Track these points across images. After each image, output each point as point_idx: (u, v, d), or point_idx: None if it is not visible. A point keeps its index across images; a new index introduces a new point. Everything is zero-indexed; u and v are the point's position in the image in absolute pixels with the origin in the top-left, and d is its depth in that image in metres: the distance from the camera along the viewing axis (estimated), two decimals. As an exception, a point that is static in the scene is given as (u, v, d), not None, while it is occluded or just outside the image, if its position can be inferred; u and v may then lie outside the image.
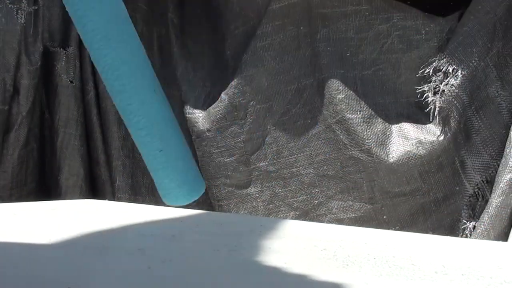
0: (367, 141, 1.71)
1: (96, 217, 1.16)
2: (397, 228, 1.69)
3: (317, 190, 1.80)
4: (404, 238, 1.05)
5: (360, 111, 1.73)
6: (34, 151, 1.88)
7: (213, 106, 1.91)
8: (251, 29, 1.90)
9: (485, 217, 1.47)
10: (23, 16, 1.70)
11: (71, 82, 1.84)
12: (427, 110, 1.64)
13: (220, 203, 1.91)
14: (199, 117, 1.93)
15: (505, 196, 1.44)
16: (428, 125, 1.66)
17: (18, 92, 1.79)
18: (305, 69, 1.83)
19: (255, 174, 1.87)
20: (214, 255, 0.81)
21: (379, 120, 1.72)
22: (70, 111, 1.86)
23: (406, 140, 1.67)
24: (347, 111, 1.74)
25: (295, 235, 1.01)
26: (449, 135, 1.60)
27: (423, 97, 1.66)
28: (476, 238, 1.47)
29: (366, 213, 1.73)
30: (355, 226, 1.67)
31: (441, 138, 1.62)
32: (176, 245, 0.88)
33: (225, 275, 0.72)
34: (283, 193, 1.84)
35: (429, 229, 1.66)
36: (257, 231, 1.02)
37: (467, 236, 1.57)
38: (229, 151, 1.88)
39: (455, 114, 1.58)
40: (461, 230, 1.60)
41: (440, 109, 1.60)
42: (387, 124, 1.72)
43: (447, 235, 1.57)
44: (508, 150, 1.49)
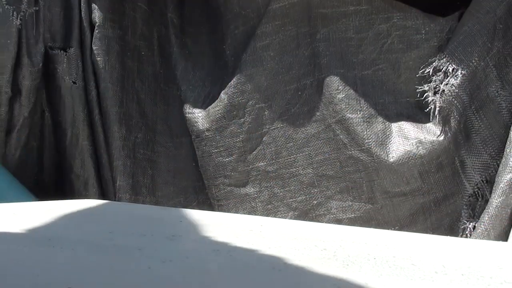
0: (367, 141, 1.70)
1: (96, 217, 1.16)
2: (397, 228, 1.69)
3: (316, 190, 1.80)
4: (404, 238, 1.05)
5: (360, 110, 1.73)
6: (34, 150, 1.88)
7: (212, 105, 1.91)
8: (251, 29, 1.90)
9: (485, 217, 1.47)
10: (18, 18, 1.69)
11: (74, 83, 1.84)
12: (427, 110, 1.64)
13: (219, 202, 1.91)
14: (198, 117, 1.93)
15: (505, 196, 1.44)
16: (428, 125, 1.66)
17: (20, 93, 1.79)
18: (305, 69, 1.83)
19: (253, 174, 1.87)
20: (214, 255, 0.81)
21: (379, 119, 1.72)
22: (75, 111, 1.86)
23: (406, 140, 1.67)
24: (347, 111, 1.74)
25: (294, 235, 1.01)
26: (449, 135, 1.60)
27: (423, 97, 1.66)
28: (476, 238, 1.47)
29: (365, 213, 1.73)
30: (355, 226, 1.67)
31: (441, 138, 1.62)
32: (176, 245, 0.88)
33: (225, 275, 0.72)
34: (282, 193, 1.84)
35: (429, 229, 1.66)
36: (257, 231, 1.02)
37: (467, 236, 1.57)
38: (228, 150, 1.88)
39: (455, 114, 1.58)
40: (461, 230, 1.60)
41: (440, 109, 1.60)
42: (387, 123, 1.71)
43: (447, 235, 1.57)
44: (508, 150, 1.49)
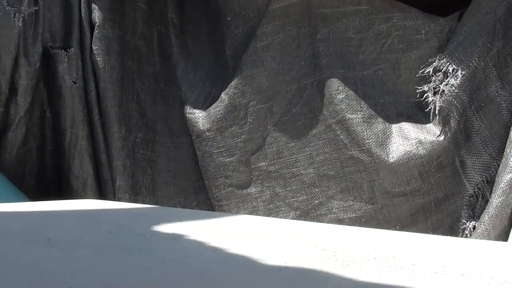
0: (367, 141, 1.70)
1: (96, 217, 1.16)
2: (397, 228, 1.69)
3: (317, 190, 1.80)
4: (404, 238, 1.05)
5: (360, 111, 1.73)
6: (33, 150, 1.88)
7: (213, 106, 1.91)
8: (251, 29, 1.90)
9: (485, 217, 1.47)
10: (20, 19, 1.69)
11: (74, 82, 1.84)
12: (427, 110, 1.64)
13: (220, 203, 1.91)
14: (199, 117, 1.93)
15: (505, 196, 1.43)
16: (428, 125, 1.66)
17: (16, 93, 1.79)
18: (305, 69, 1.83)
19: (255, 174, 1.87)
20: (214, 255, 0.81)
21: (379, 120, 1.72)
22: (75, 111, 1.86)
23: (406, 140, 1.67)
24: (347, 111, 1.74)
25: (295, 235, 1.00)
26: (449, 135, 1.60)
27: (423, 97, 1.66)
28: (476, 238, 1.47)
29: (366, 213, 1.73)
30: (355, 226, 1.67)
31: (441, 138, 1.61)
32: (176, 245, 0.88)
33: (225, 275, 0.72)
34: (283, 193, 1.84)
35: (430, 229, 1.66)
36: (257, 231, 1.02)
37: (467, 236, 1.56)
38: (229, 151, 1.88)
39: (455, 114, 1.58)
40: (461, 230, 1.60)
41: (440, 109, 1.60)
42: (387, 124, 1.71)
43: (447, 235, 1.57)
44: (508, 150, 1.48)
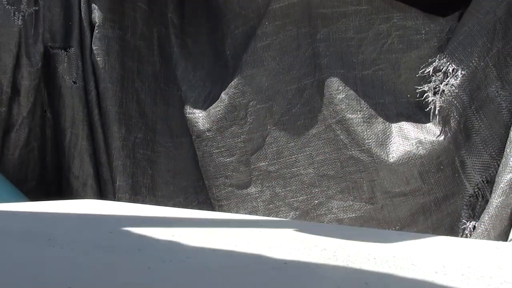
0: (367, 141, 1.70)
1: (96, 217, 1.16)
2: (397, 228, 1.69)
3: (317, 190, 1.80)
4: (404, 238, 1.05)
5: (360, 111, 1.73)
6: (35, 150, 1.88)
7: (213, 106, 1.91)
8: (251, 29, 1.90)
9: (485, 217, 1.47)
10: (20, 17, 1.69)
11: (74, 82, 1.84)
12: (427, 110, 1.64)
13: (220, 203, 1.91)
14: (199, 117, 1.93)
15: (505, 196, 1.43)
16: (428, 125, 1.66)
17: (18, 93, 1.79)
18: (305, 69, 1.83)
19: (255, 174, 1.87)
20: (214, 255, 0.81)
21: (379, 120, 1.72)
22: (75, 111, 1.86)
23: (406, 140, 1.67)
24: (347, 111, 1.74)
25: (294, 235, 1.00)
26: (449, 135, 1.60)
27: (423, 97, 1.66)
28: (476, 238, 1.47)
29: (366, 213, 1.73)
30: (355, 226, 1.67)
31: (441, 138, 1.61)
32: (176, 245, 0.88)
33: (225, 275, 0.72)
34: (283, 193, 1.84)
35: (430, 229, 1.66)
36: (257, 231, 1.03)
37: (467, 236, 1.56)
38: (229, 151, 1.88)
39: (455, 114, 1.58)
40: (461, 230, 1.60)
41: (440, 109, 1.60)
42: (387, 124, 1.71)
43: (447, 235, 1.57)
44: (508, 150, 1.48)
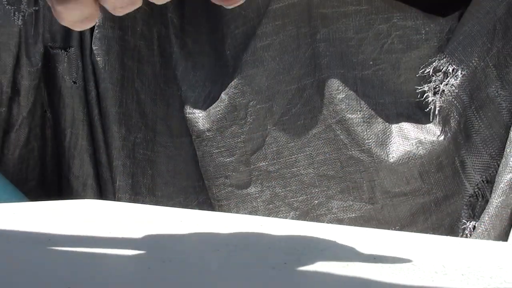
0: (367, 141, 1.70)
1: (96, 217, 1.16)
2: (397, 228, 1.69)
3: (317, 190, 1.80)
4: (404, 238, 1.05)
5: (360, 111, 1.73)
6: (35, 150, 1.89)
7: (213, 106, 1.90)
8: (251, 29, 1.90)
9: (485, 217, 1.47)
10: (20, 17, 1.69)
11: (74, 82, 1.84)
12: (427, 110, 1.64)
13: (220, 203, 1.91)
14: (199, 117, 1.93)
15: (505, 196, 1.43)
16: (428, 125, 1.65)
17: (18, 93, 1.79)
18: (305, 69, 1.83)
19: (255, 174, 1.87)
20: (214, 255, 0.81)
21: (379, 120, 1.72)
22: (75, 111, 1.87)
23: (406, 140, 1.67)
24: (347, 111, 1.74)
25: (295, 235, 1.01)
26: (449, 135, 1.60)
27: (423, 97, 1.66)
28: (476, 238, 1.47)
29: (366, 213, 1.73)
30: (355, 226, 1.67)
31: (441, 138, 1.61)
32: (176, 245, 0.88)
33: (225, 275, 0.72)
34: (283, 193, 1.84)
35: (430, 229, 1.66)
36: (257, 231, 1.03)
37: (467, 236, 1.56)
38: (229, 151, 1.88)
39: (455, 114, 1.58)
40: (461, 230, 1.60)
41: (440, 109, 1.60)
42: (387, 124, 1.71)
43: (447, 235, 1.57)
44: (508, 150, 1.48)
